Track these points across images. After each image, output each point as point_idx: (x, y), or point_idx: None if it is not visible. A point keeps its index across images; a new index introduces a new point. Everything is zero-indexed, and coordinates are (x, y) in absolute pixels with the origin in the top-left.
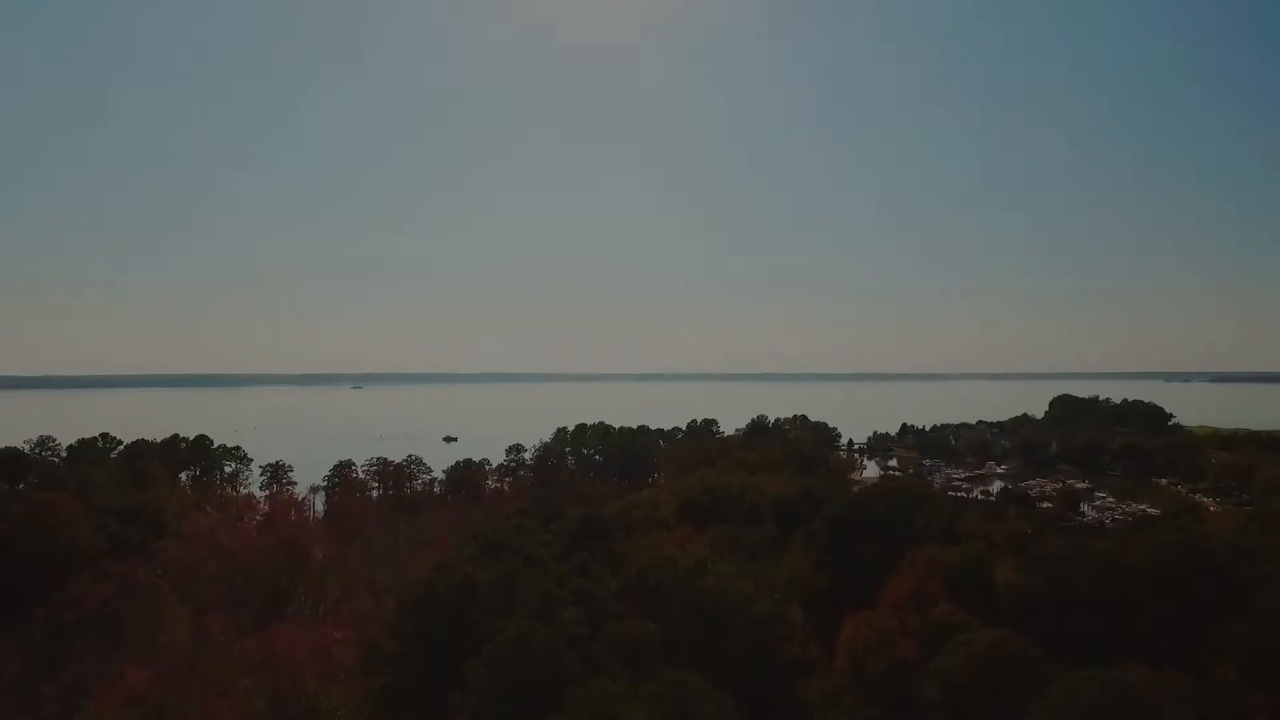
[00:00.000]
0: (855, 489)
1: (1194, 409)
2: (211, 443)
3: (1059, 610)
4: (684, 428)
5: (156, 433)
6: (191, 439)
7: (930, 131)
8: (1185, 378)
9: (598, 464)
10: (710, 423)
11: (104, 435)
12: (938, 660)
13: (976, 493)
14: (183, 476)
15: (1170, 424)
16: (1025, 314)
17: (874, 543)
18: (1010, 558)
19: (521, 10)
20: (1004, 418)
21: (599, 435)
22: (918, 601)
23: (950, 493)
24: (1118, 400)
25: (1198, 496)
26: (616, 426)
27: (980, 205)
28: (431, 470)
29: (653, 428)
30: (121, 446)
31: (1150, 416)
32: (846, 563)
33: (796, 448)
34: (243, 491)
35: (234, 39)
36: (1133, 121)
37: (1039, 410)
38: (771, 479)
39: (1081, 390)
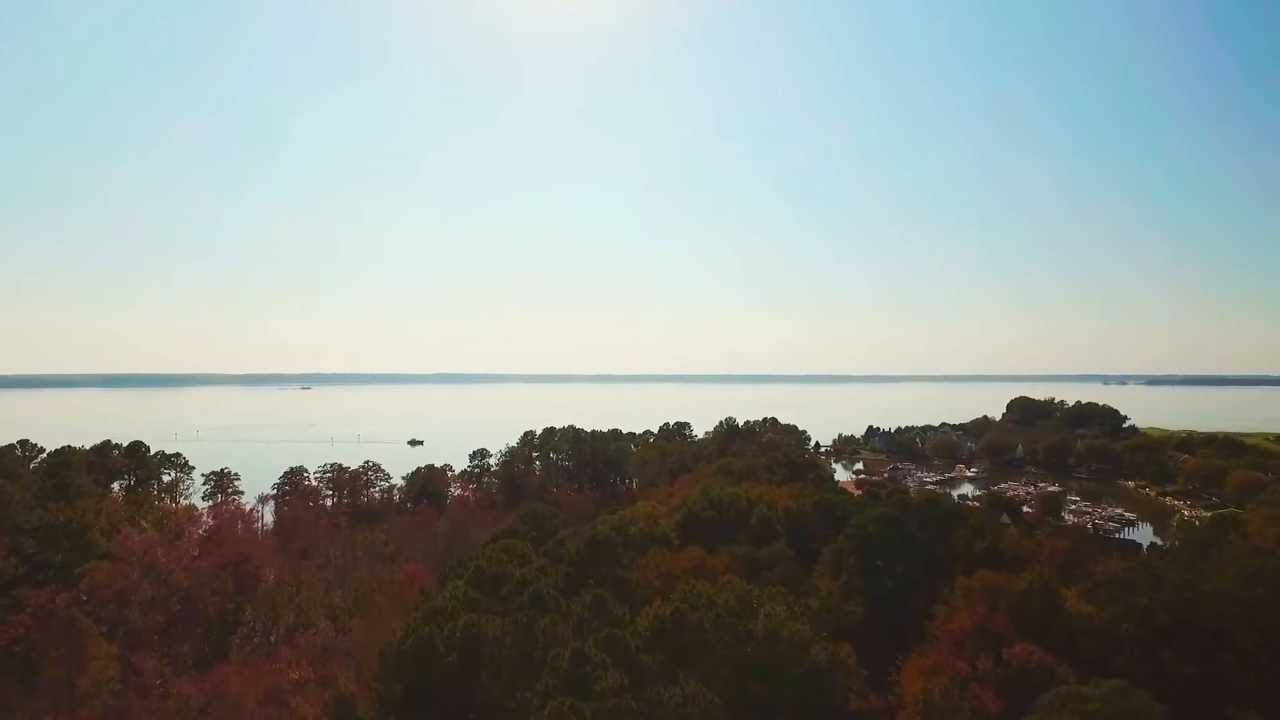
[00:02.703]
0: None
1: (1140, 411)
2: (148, 449)
3: (1143, 647)
4: (655, 431)
5: (86, 438)
6: (125, 445)
7: (891, 143)
8: (1122, 380)
9: (566, 469)
10: (683, 425)
11: (23, 442)
12: (1035, 717)
13: (955, 496)
14: (115, 487)
15: (1126, 426)
16: (970, 318)
17: (909, 565)
18: (1066, 582)
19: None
20: (952, 419)
21: (569, 439)
22: (984, 639)
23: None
24: (1071, 402)
25: (1168, 499)
26: (589, 430)
27: (931, 213)
28: (390, 477)
29: (624, 431)
30: (44, 454)
31: (1106, 418)
32: (880, 589)
33: (785, 453)
34: (183, 503)
35: (194, 34)
36: (1072, 132)
37: (990, 410)
38: (779, 490)
39: (1025, 391)
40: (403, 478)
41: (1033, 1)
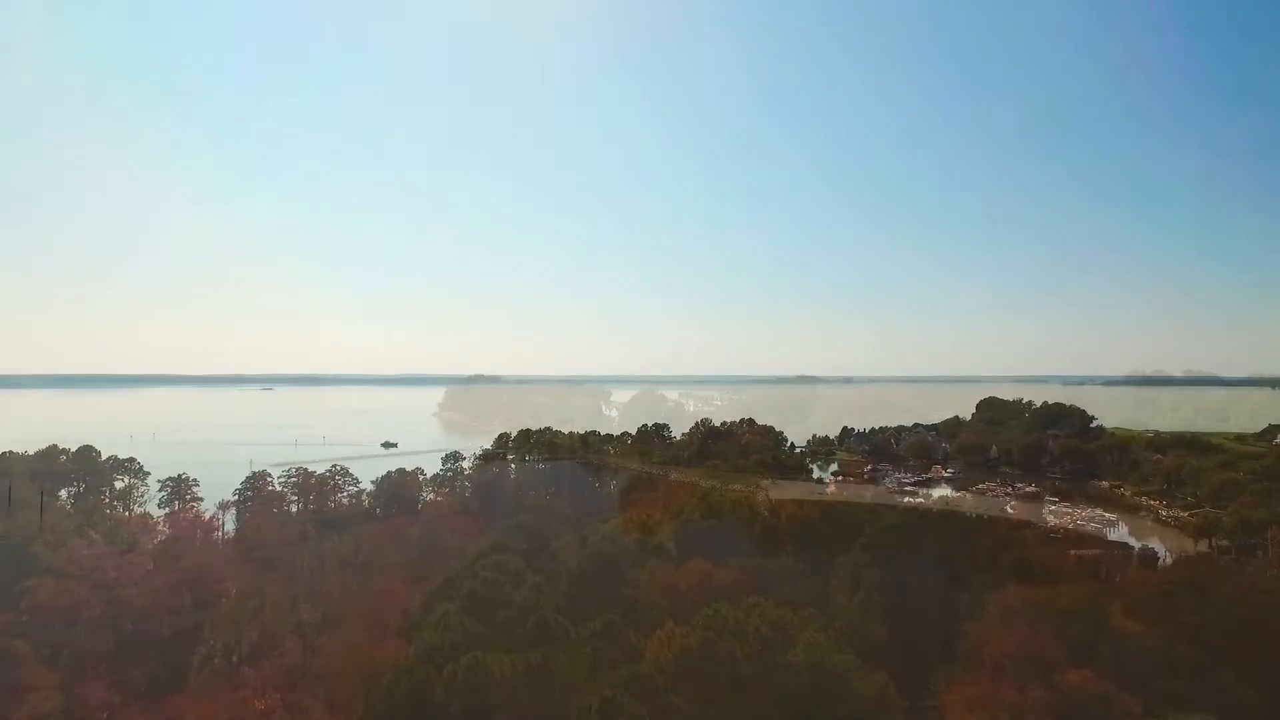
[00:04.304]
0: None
1: (1101, 411)
2: (99, 453)
3: (1199, 669)
4: (633, 433)
5: (30, 442)
6: (74, 449)
7: (867, 143)
8: (1080, 381)
9: (542, 473)
10: (661, 427)
11: None
12: None
13: (935, 497)
14: (62, 495)
15: (1093, 425)
16: (938, 320)
17: (929, 578)
18: (1104, 597)
19: None
20: (922, 419)
21: (545, 441)
22: (1030, 663)
23: (907, 498)
24: (1038, 403)
25: (1144, 499)
26: (566, 431)
27: (893, 213)
28: (359, 481)
29: (601, 433)
30: None
31: (1075, 418)
32: (900, 604)
33: (772, 456)
34: (137, 511)
35: (152, 26)
36: (1035, 133)
37: (957, 411)
38: (779, 496)
39: (990, 392)
40: (372, 482)
41: (1010, 3)
